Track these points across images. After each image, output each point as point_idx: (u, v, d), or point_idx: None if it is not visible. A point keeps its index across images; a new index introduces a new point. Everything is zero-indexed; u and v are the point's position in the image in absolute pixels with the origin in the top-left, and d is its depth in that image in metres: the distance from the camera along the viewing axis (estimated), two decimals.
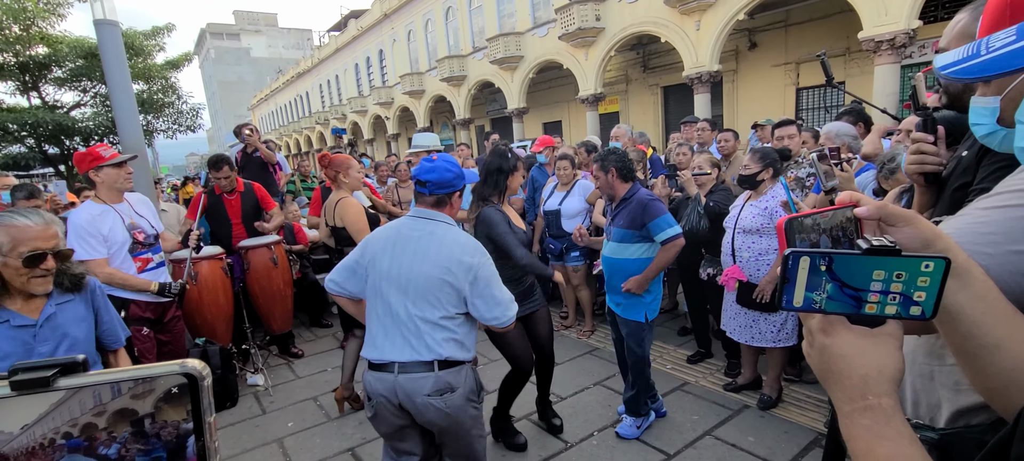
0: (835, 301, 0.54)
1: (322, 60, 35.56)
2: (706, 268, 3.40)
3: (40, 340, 1.63)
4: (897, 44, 9.95)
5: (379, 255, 1.85)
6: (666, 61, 16.15)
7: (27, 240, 1.57)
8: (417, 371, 1.77)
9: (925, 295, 0.52)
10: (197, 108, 19.89)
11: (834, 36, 12.70)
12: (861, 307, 0.53)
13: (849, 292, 0.53)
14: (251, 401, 3.64)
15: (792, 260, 0.53)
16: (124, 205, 2.90)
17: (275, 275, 4.06)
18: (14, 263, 1.56)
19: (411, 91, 24.64)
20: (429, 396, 1.76)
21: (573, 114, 20.31)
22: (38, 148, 17.00)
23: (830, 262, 0.52)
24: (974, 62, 0.53)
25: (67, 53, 15.79)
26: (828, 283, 0.53)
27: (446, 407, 1.77)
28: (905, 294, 0.52)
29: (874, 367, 0.53)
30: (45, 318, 1.65)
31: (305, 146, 40.43)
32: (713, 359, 3.74)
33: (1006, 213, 0.67)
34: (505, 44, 18.53)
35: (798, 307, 0.55)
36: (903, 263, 0.51)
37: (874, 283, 0.52)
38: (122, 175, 2.85)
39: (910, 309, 0.52)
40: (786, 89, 14.10)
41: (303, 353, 4.45)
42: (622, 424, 2.89)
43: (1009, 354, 0.59)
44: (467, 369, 1.86)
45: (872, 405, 0.52)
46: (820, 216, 0.60)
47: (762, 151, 2.89)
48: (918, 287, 0.51)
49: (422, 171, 1.90)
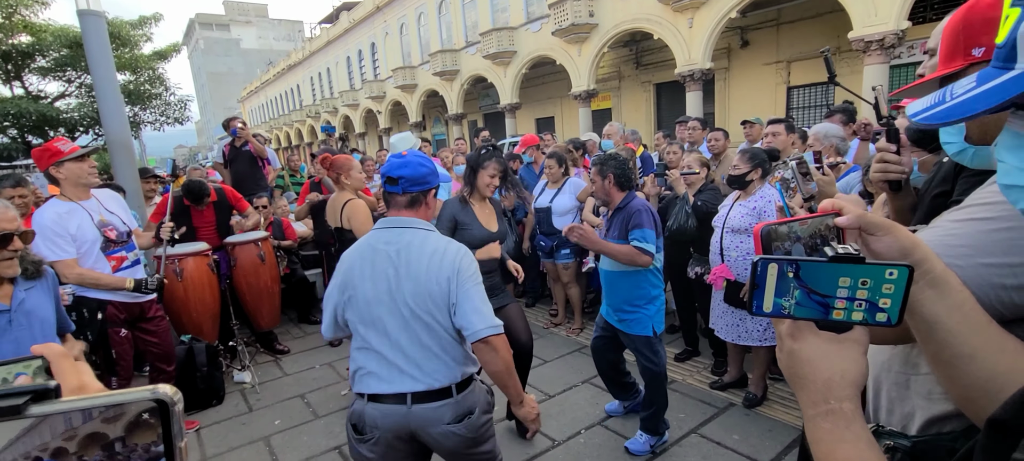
0: (803, 307, 0.55)
1: (313, 52, 35.22)
2: (694, 267, 3.43)
3: (16, 325, 1.68)
4: (886, 44, 10.06)
5: (358, 282, 1.62)
6: (659, 58, 16.20)
7: None
8: (433, 400, 1.59)
9: (890, 302, 0.53)
10: (185, 100, 19.61)
11: (825, 35, 12.80)
12: (829, 313, 0.55)
13: (817, 298, 0.54)
14: (238, 398, 3.62)
15: (761, 266, 0.55)
16: (92, 202, 2.75)
17: (262, 271, 4.03)
18: None
19: (403, 85, 24.49)
20: (449, 425, 1.60)
21: (566, 110, 20.31)
22: (21, 139, 16.67)
23: (797, 269, 0.54)
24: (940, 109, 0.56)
25: (51, 42, 15.48)
26: (796, 289, 0.54)
27: (468, 432, 1.63)
28: (871, 301, 0.53)
29: (837, 372, 0.54)
30: (17, 303, 1.71)
31: (296, 140, 40.10)
32: (700, 357, 3.77)
33: (975, 226, 0.68)
34: (498, 39, 18.47)
35: (768, 312, 0.57)
36: (867, 270, 0.53)
37: (840, 290, 0.53)
38: (85, 169, 2.68)
39: (876, 315, 0.54)
40: (777, 88, 14.21)
41: (289, 350, 4.42)
42: (634, 439, 2.75)
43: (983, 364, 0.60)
44: (478, 383, 1.73)
45: (834, 409, 0.54)
46: (798, 224, 0.60)
47: (751, 151, 2.91)
48: (883, 294, 0.53)
49: (392, 167, 1.66)
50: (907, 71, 11.71)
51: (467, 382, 1.66)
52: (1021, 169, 0.53)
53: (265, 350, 4.39)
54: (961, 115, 0.53)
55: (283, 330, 4.83)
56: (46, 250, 2.48)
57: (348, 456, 2.86)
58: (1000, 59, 0.52)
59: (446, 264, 1.59)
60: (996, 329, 0.62)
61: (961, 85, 0.55)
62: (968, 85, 0.53)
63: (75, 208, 2.66)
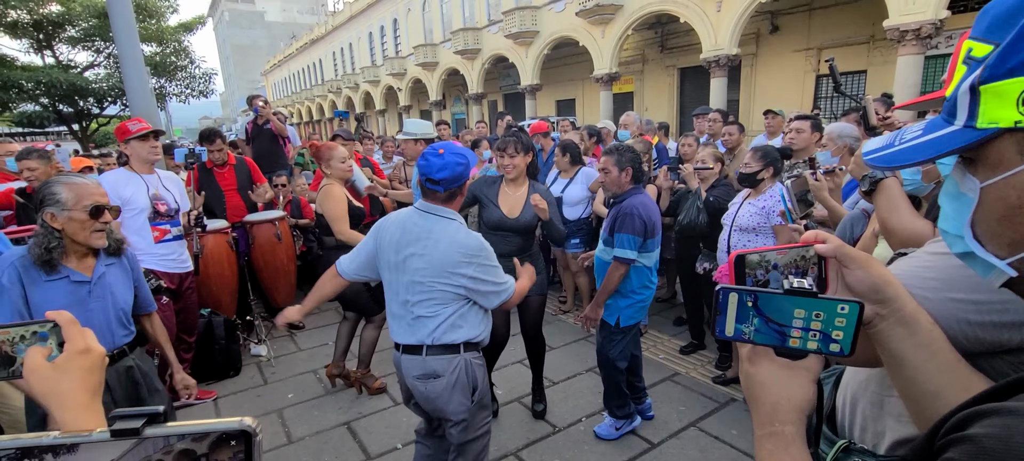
0: (762, 334, 0.59)
1: (336, 27, 35.23)
2: (702, 262, 3.42)
3: (94, 297, 1.79)
4: (923, 35, 9.64)
5: (386, 248, 1.91)
6: (684, 42, 15.80)
7: (88, 195, 1.74)
8: (410, 353, 1.89)
9: (842, 334, 0.56)
10: (209, 73, 19.90)
11: (859, 23, 12.32)
12: (785, 341, 0.58)
13: (774, 327, 0.58)
14: (254, 371, 3.77)
15: (722, 295, 0.59)
16: (153, 177, 3.09)
17: (279, 250, 4.15)
18: (79, 216, 1.71)
19: (424, 63, 24.40)
20: (416, 379, 1.89)
21: (587, 93, 20.03)
22: (52, 107, 17.18)
23: (755, 299, 0.57)
24: (887, 153, 0.58)
25: (80, 12, 15.82)
26: (755, 317, 0.58)
27: (427, 392, 1.87)
28: (824, 332, 0.56)
29: (784, 397, 0.58)
30: (98, 276, 1.82)
31: (317, 115, 40.42)
32: (705, 351, 3.78)
33: (946, 261, 0.69)
34: (521, 18, 18.21)
35: (729, 337, 0.60)
36: (820, 304, 0.56)
37: (795, 320, 0.57)
38: (147, 147, 3.03)
39: (830, 346, 0.57)
40: (805, 76, 13.77)
41: (304, 326, 4.56)
42: (602, 423, 2.85)
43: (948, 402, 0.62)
44: (461, 360, 1.88)
45: (776, 431, 0.57)
46: (776, 253, 0.63)
47: (764, 150, 2.86)
48: (836, 327, 0.56)
49: (433, 169, 1.81)
50: (942, 62, 11.22)
51: (441, 349, 1.86)
52: (952, 218, 0.55)
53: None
54: (903, 161, 0.56)
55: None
56: None
57: (356, 432, 2.98)
58: (945, 112, 0.53)
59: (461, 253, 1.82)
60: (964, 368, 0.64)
61: (911, 131, 0.57)
62: (915, 132, 0.56)
63: (134, 178, 3.00)
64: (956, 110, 0.51)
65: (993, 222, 0.51)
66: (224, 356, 3.61)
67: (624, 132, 5.26)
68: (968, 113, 0.49)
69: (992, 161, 0.49)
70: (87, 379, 0.67)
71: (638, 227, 2.46)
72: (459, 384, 1.88)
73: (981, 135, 0.48)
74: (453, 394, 1.88)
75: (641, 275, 2.59)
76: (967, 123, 0.50)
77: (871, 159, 0.59)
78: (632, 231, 2.45)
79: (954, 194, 0.55)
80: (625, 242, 2.46)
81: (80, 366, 0.66)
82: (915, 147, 0.54)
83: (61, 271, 1.73)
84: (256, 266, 4.16)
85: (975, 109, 0.49)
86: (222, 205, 4.17)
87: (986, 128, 0.48)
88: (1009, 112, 0.46)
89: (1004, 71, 0.46)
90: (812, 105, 12.89)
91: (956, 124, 0.51)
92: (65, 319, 0.68)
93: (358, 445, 2.86)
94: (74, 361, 0.66)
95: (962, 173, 0.53)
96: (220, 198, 4.17)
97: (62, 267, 1.74)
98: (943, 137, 0.52)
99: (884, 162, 0.58)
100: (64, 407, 0.64)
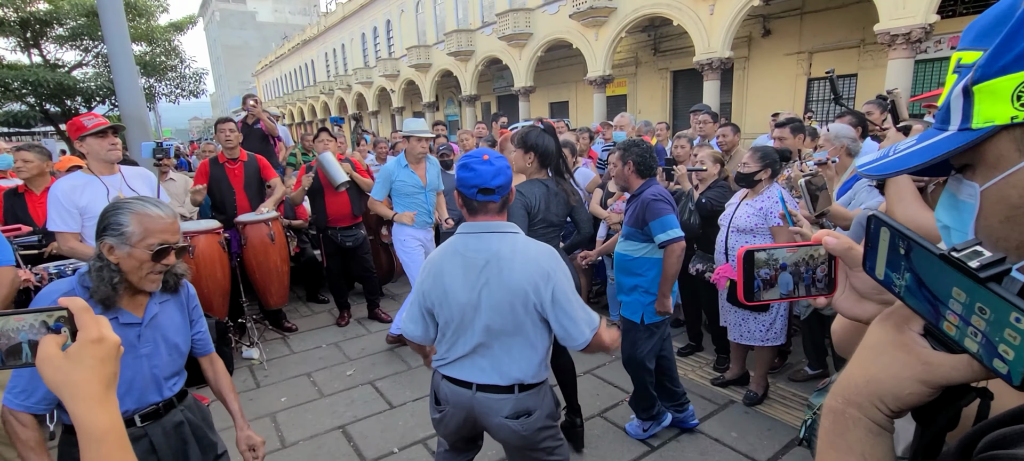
0: (913, 296, 0.45)
1: (328, 28, 35.07)
2: (695, 264, 3.40)
3: (144, 341, 1.52)
4: (913, 39, 9.77)
5: (448, 286, 1.65)
6: (677, 45, 15.90)
7: (157, 231, 1.45)
8: (496, 393, 1.68)
9: (1015, 354, 0.37)
10: (200, 73, 19.74)
11: (849, 27, 12.46)
12: (939, 321, 0.43)
13: (926, 295, 0.43)
14: (246, 374, 3.70)
15: (874, 225, 0.49)
16: (115, 177, 2.79)
17: (272, 251, 4.08)
18: (141, 255, 1.43)
19: (417, 64, 24.35)
20: (507, 419, 1.69)
21: (580, 95, 20.08)
22: (39, 107, 16.92)
23: (909, 248, 0.45)
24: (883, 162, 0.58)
25: (68, 11, 15.60)
26: (907, 271, 0.45)
27: (523, 430, 1.71)
28: (989, 338, 0.38)
29: (868, 372, 0.48)
30: (150, 317, 1.53)
31: (309, 116, 40.18)
32: (703, 353, 3.77)
33: None
34: (515, 20, 18.23)
35: (879, 279, 0.49)
36: (987, 297, 0.38)
37: (953, 302, 0.41)
38: (105, 145, 2.71)
39: (994, 362, 0.38)
40: (797, 79, 13.90)
41: (297, 328, 4.50)
42: (630, 422, 2.87)
43: None
44: (546, 390, 1.78)
45: (836, 408, 0.50)
46: (787, 251, 0.60)
47: (763, 150, 2.86)
48: (1006, 341, 0.37)
49: (484, 177, 1.59)
50: (932, 66, 11.38)
51: (532, 386, 1.71)
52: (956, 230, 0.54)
53: (273, 327, 4.48)
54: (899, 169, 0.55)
55: (291, 308, 4.92)
56: (50, 220, 2.64)
57: (351, 436, 2.93)
58: (938, 120, 0.53)
59: (545, 272, 1.60)
60: None
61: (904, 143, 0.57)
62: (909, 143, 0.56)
63: (93, 181, 2.70)
64: (949, 116, 0.51)
65: (996, 225, 0.49)
66: None
67: (620, 133, 5.25)
68: (962, 115, 0.49)
69: (991, 161, 0.48)
70: (100, 370, 0.64)
71: (667, 209, 2.51)
72: (548, 416, 1.78)
73: (977, 135, 0.48)
74: (544, 428, 1.77)
75: (660, 268, 2.62)
76: (962, 125, 0.49)
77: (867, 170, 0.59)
78: (666, 213, 2.49)
79: (952, 205, 0.54)
80: (667, 224, 2.48)
81: (93, 355, 0.64)
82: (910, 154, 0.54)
83: (111, 311, 1.46)
84: (248, 267, 4.09)
85: (969, 110, 0.48)
86: (232, 202, 4.06)
87: (982, 127, 0.47)
88: (1004, 109, 0.45)
89: (997, 69, 0.46)
90: (804, 108, 13.00)
91: (950, 129, 0.51)
92: (78, 306, 0.66)
93: (353, 449, 2.81)
94: (87, 350, 0.64)
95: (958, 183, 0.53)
96: (231, 196, 4.05)
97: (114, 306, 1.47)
98: (939, 142, 0.51)
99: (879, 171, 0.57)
100: (77, 399, 0.63)
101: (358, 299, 4.89)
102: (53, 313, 0.64)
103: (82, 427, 0.62)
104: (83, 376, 0.63)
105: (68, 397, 0.63)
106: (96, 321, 0.66)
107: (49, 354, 0.63)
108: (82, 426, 0.62)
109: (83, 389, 0.63)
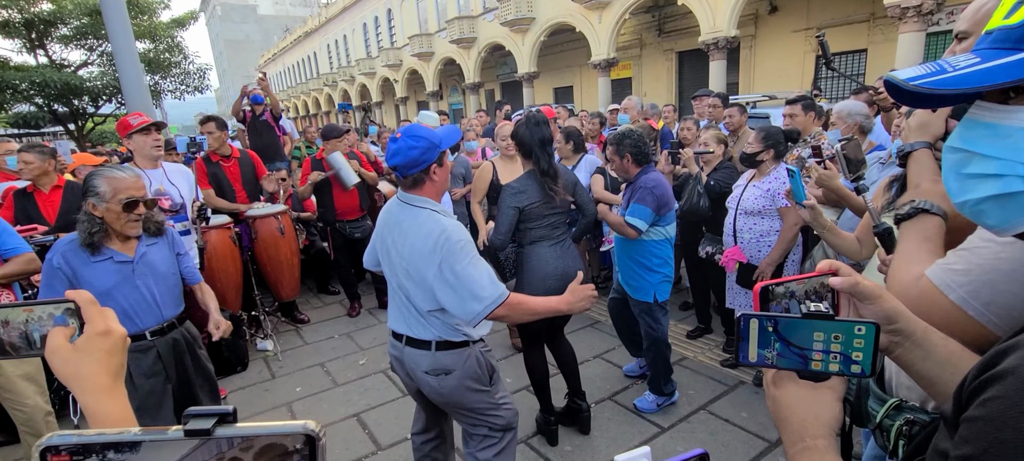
0: (784, 358, 0.61)
1: (330, 19, 34.89)
2: (705, 246, 3.40)
3: (138, 274, 2.02)
4: (924, 10, 9.54)
5: (378, 237, 1.88)
6: (682, 25, 15.65)
7: (124, 189, 1.92)
8: (418, 347, 1.80)
9: (862, 355, 0.57)
10: (203, 69, 19.76)
11: (858, 1, 12.19)
12: (807, 364, 0.60)
13: (795, 351, 0.60)
14: (261, 366, 3.77)
15: (743, 322, 0.61)
16: (158, 172, 3.06)
17: (282, 244, 4.12)
18: (115, 208, 1.91)
19: (420, 53, 24.19)
20: (426, 374, 1.80)
21: (585, 79, 19.90)
22: (47, 107, 17.05)
23: (776, 324, 0.59)
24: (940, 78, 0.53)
25: (72, 10, 15.64)
26: (776, 342, 0.60)
27: (440, 388, 1.80)
28: (845, 354, 0.58)
29: (811, 415, 0.62)
30: (140, 256, 2.04)
31: (313, 108, 40.18)
32: (712, 335, 3.78)
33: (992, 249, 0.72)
34: (516, 5, 18.03)
35: (753, 363, 0.62)
36: (838, 327, 0.58)
37: (816, 343, 0.59)
38: (149, 141, 3.00)
39: (851, 367, 0.58)
40: (805, 56, 13.65)
41: (309, 319, 4.56)
42: (642, 397, 2.95)
43: None
44: (470, 352, 1.82)
45: (809, 446, 0.61)
46: (796, 283, 0.66)
47: (767, 131, 2.83)
48: (855, 348, 0.57)
49: (387, 156, 1.75)
50: (944, 39, 11.12)
51: (449, 345, 1.79)
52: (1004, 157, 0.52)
53: (286, 319, 4.54)
54: (965, 86, 0.51)
55: (303, 300, 4.98)
56: None
57: (366, 423, 2.99)
58: (1012, 40, 0.51)
59: (429, 249, 1.66)
60: None
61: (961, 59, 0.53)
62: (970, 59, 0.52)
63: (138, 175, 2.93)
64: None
65: None
66: (231, 352, 3.60)
67: (624, 116, 5.22)
68: None
69: None
70: (107, 361, 0.66)
71: (649, 201, 2.59)
72: (470, 377, 1.82)
73: None
74: (465, 389, 1.82)
75: (662, 249, 2.72)
76: None
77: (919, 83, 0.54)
78: (644, 203, 2.59)
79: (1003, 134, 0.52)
80: (636, 212, 2.61)
81: (100, 347, 0.65)
82: (976, 73, 0.50)
83: (105, 253, 1.95)
84: (260, 261, 4.14)
85: None
86: (233, 200, 4.11)
87: None
88: None
89: None
90: (812, 85, 12.79)
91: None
92: (85, 299, 0.67)
93: (368, 436, 2.86)
94: (94, 342, 0.65)
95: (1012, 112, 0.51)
96: (231, 193, 4.10)
97: (106, 249, 1.96)
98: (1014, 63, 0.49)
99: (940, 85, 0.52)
100: (85, 390, 0.64)
101: (368, 289, 4.94)
102: (60, 305, 0.65)
103: (93, 417, 0.64)
104: (91, 368, 0.64)
105: (78, 389, 0.64)
106: (102, 313, 0.67)
107: (58, 346, 0.64)
108: (93, 416, 0.64)
109: (92, 381, 0.64)
